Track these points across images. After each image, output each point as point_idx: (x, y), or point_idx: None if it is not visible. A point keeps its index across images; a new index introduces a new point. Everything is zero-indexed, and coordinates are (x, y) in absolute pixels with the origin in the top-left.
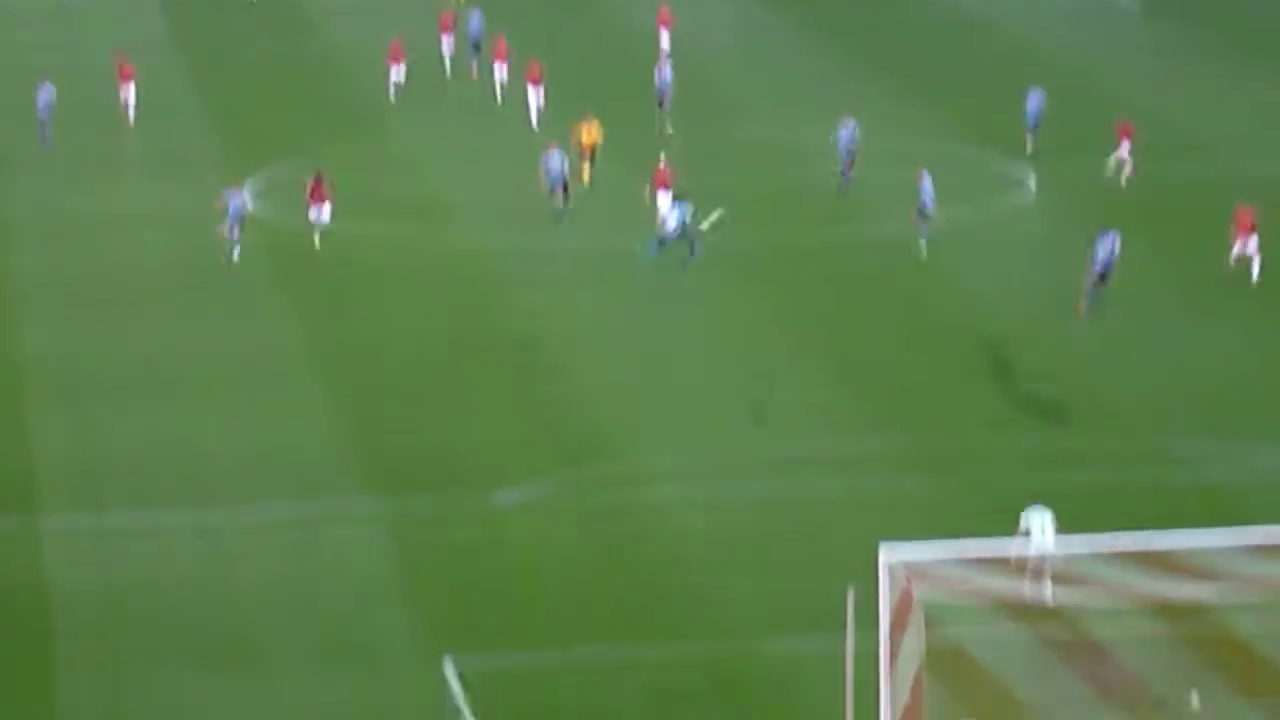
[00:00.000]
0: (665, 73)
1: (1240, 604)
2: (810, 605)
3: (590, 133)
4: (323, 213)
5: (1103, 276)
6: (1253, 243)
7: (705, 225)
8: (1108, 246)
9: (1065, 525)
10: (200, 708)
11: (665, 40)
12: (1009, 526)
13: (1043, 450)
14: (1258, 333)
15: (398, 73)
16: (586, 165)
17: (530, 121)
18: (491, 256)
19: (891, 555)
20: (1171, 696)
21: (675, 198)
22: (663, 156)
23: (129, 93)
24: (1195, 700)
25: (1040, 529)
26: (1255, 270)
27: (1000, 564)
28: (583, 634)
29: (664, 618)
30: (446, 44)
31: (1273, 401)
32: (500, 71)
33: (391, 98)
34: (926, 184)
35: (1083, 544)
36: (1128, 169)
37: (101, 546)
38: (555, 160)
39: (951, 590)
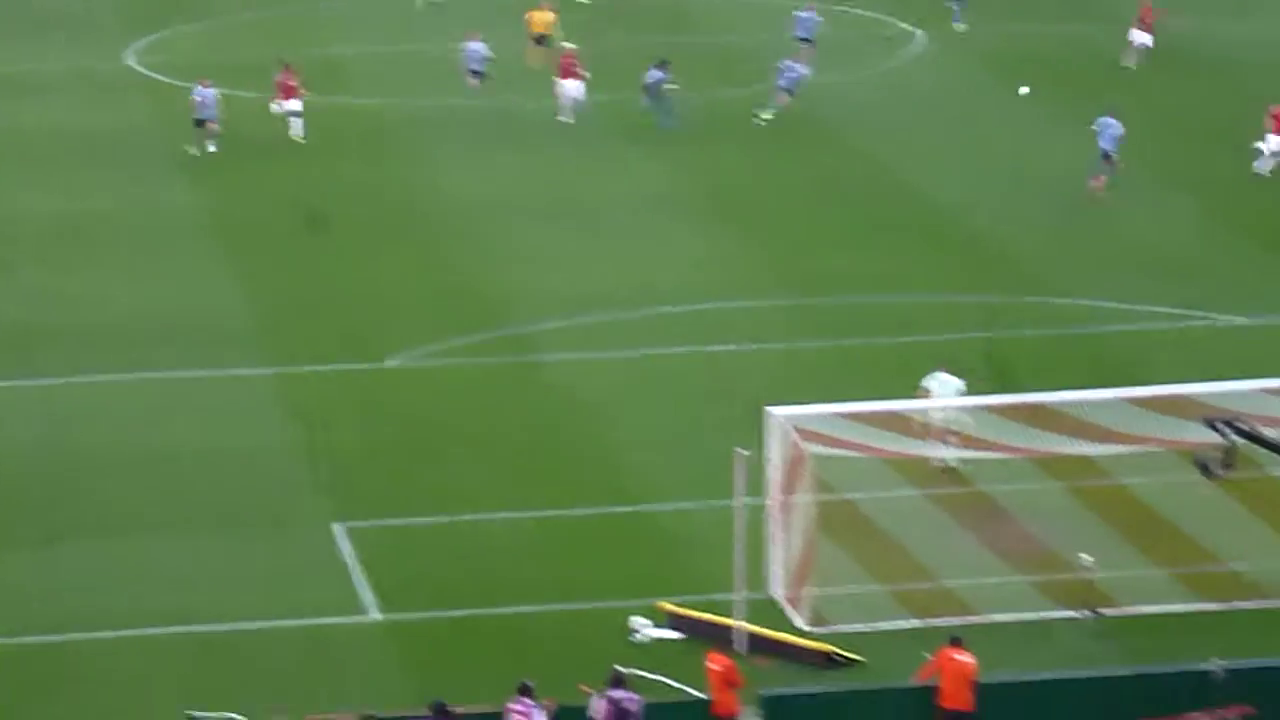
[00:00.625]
0: None
1: (1133, 460)
2: (704, 466)
3: (539, 19)
4: (288, 105)
5: (1107, 157)
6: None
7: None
8: (1110, 129)
9: (964, 385)
10: (95, 571)
11: None
12: (909, 388)
13: (945, 311)
14: (1148, 199)
15: None
16: (538, 48)
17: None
18: (399, 123)
19: (783, 416)
20: (1065, 554)
21: (656, 65)
22: (569, 46)
23: None
24: (1088, 558)
25: (942, 391)
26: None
27: (897, 425)
28: (473, 496)
29: (556, 479)
30: None
31: (1167, 265)
32: None
33: None
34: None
35: (979, 403)
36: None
37: None
38: (476, 49)
39: (845, 451)
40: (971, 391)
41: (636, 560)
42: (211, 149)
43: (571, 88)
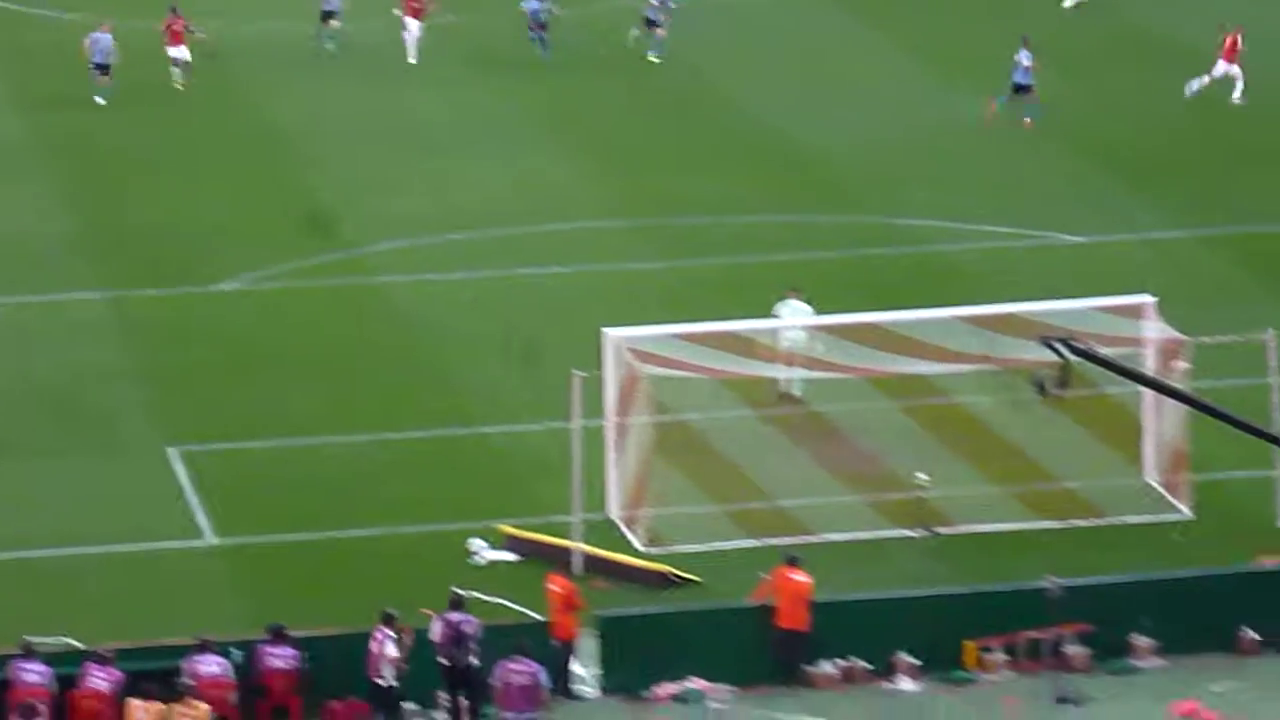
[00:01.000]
0: None
1: (969, 379)
2: (542, 388)
3: None
4: (181, 52)
5: (1021, 89)
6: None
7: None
8: (1025, 61)
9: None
10: None
11: None
12: (746, 309)
13: (783, 232)
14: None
15: None
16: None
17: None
18: (238, 48)
19: (618, 337)
20: (902, 473)
21: None
22: None
23: None
24: (923, 478)
25: (789, 315)
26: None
27: (733, 345)
28: (310, 420)
29: (393, 402)
30: None
31: (1003, 185)
32: None
33: None
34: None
35: (814, 322)
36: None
37: None
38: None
39: (681, 372)
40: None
41: (474, 483)
42: (100, 100)
43: (417, 28)
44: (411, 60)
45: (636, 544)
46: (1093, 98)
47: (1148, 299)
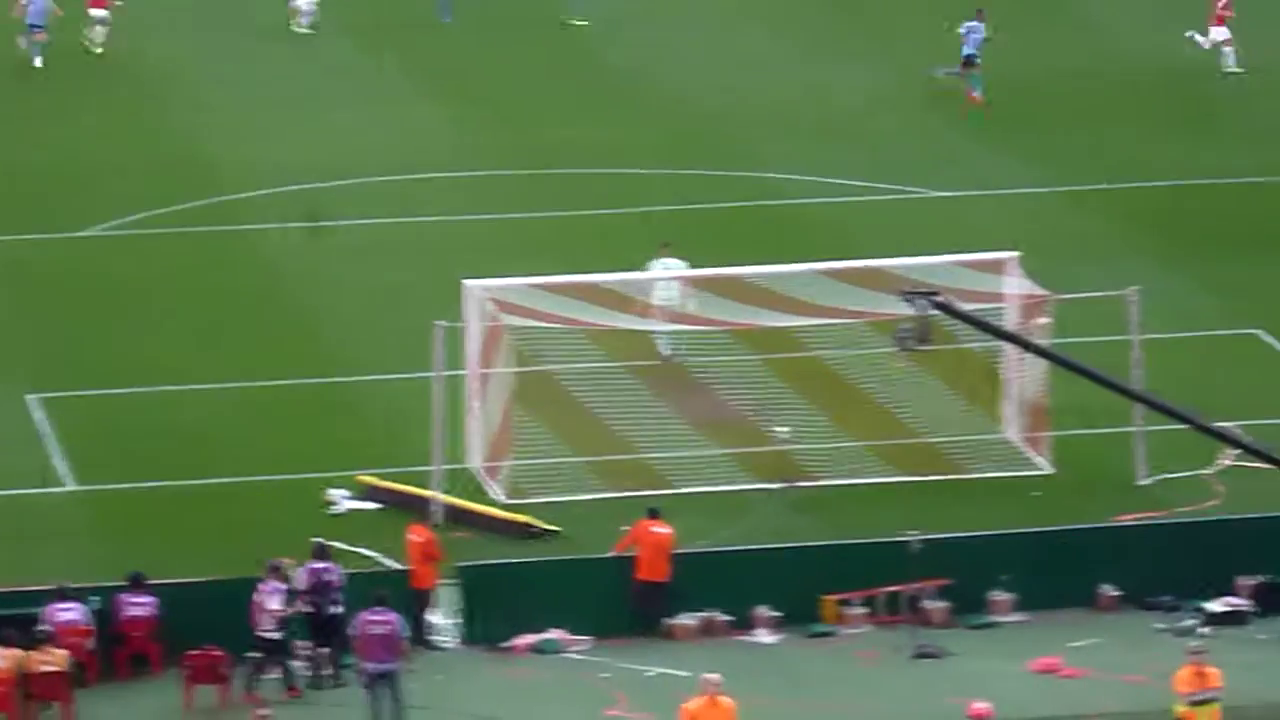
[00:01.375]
0: None
1: (830, 333)
2: (405, 338)
3: None
4: (95, 13)
5: (970, 61)
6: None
7: None
8: (975, 33)
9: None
10: None
11: None
12: (611, 261)
13: (655, 183)
14: (847, 73)
15: None
16: None
17: None
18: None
19: (480, 287)
20: (763, 427)
21: None
22: None
23: None
24: (784, 431)
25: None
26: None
27: (596, 296)
28: (173, 367)
29: (257, 350)
30: None
31: (865, 138)
32: None
33: None
34: None
35: (677, 274)
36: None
37: None
38: None
39: (543, 322)
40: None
41: (337, 432)
42: (38, 63)
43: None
44: (301, 29)
45: (497, 495)
46: (955, 55)
47: (1010, 254)
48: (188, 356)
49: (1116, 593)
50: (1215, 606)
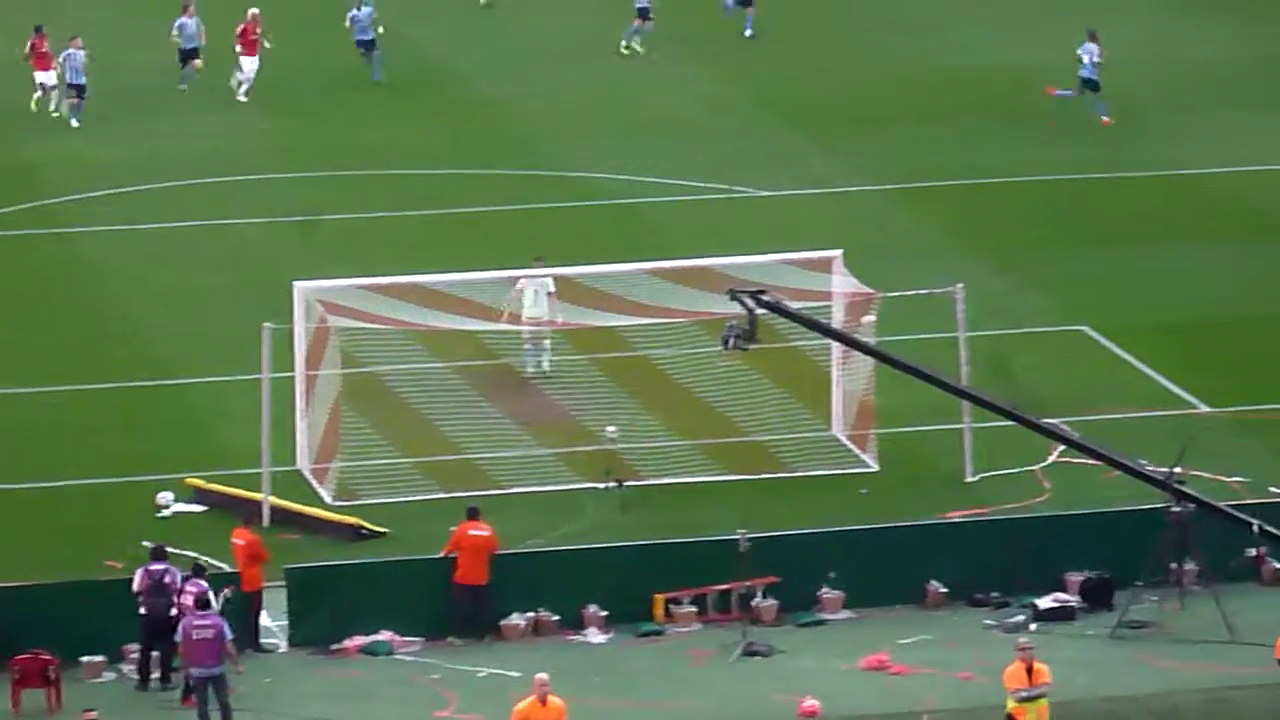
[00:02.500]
0: None
1: (657, 332)
2: (231, 339)
3: None
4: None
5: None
6: None
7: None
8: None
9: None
10: None
11: None
12: (436, 261)
13: (476, 184)
14: (668, 72)
15: None
16: None
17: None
18: None
19: (308, 289)
20: (591, 426)
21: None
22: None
23: None
24: (613, 430)
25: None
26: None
27: (423, 298)
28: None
29: (82, 353)
30: None
31: (692, 137)
32: None
33: None
34: None
35: (501, 276)
36: None
37: None
38: None
39: (371, 324)
40: None
41: (165, 435)
42: (75, 124)
43: (251, 64)
44: (242, 99)
45: (326, 496)
46: (782, 54)
47: (836, 253)
48: (15, 360)
49: (945, 589)
50: (1043, 602)
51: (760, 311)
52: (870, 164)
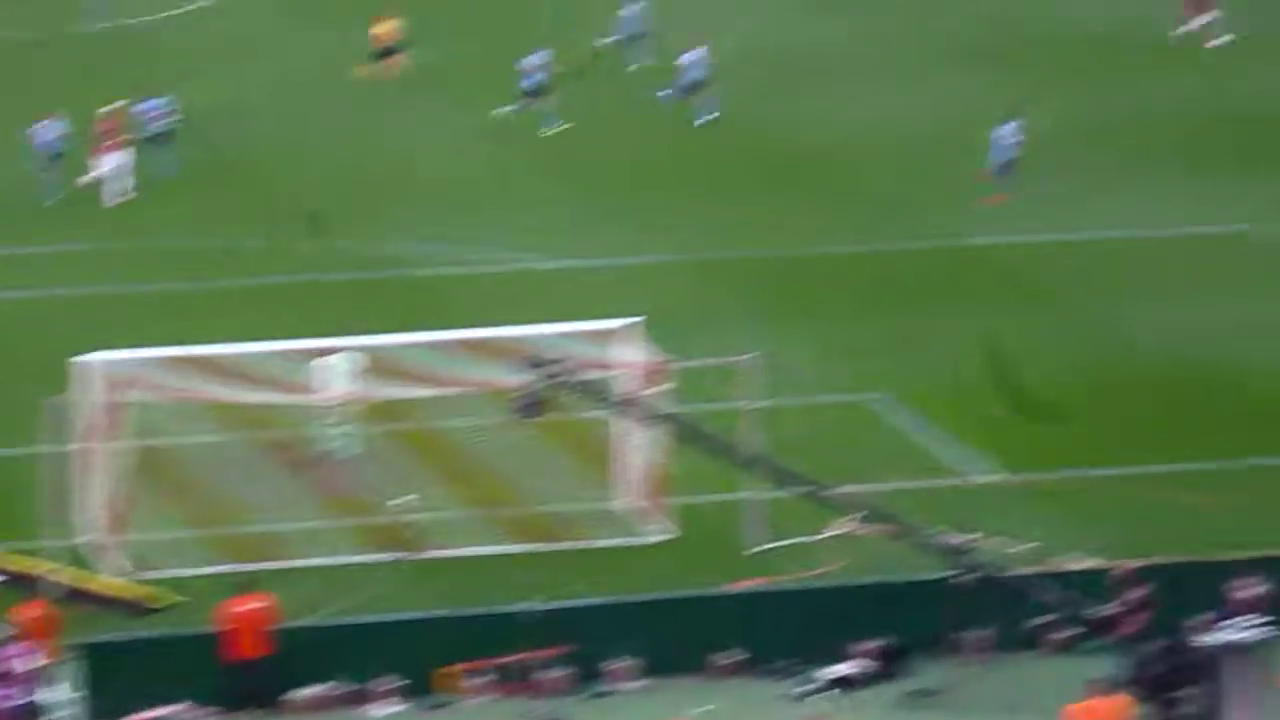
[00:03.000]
0: None
1: (448, 403)
2: (15, 413)
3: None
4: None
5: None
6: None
7: None
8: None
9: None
10: None
11: None
12: (222, 332)
13: (263, 254)
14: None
15: None
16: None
17: None
18: None
19: (93, 362)
20: (382, 497)
21: None
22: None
23: None
24: (412, 499)
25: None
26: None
27: (212, 369)
28: None
29: None
30: None
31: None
32: None
33: None
34: None
35: (287, 347)
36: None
37: None
38: None
39: (159, 396)
40: None
41: None
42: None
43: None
44: (110, 204)
45: (116, 569)
46: (580, 122)
47: (631, 322)
48: None
49: (736, 659)
50: (834, 670)
51: (551, 381)
52: (666, 233)
